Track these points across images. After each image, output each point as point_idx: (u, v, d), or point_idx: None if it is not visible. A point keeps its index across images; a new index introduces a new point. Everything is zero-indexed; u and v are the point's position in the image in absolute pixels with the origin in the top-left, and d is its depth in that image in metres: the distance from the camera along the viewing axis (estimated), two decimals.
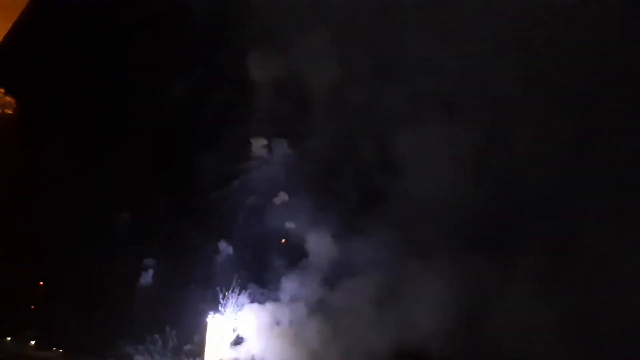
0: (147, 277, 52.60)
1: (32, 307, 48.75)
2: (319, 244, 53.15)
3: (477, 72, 51.46)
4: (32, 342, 47.07)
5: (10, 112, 53.00)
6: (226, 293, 50.83)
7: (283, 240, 54.75)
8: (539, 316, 47.08)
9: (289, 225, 54.94)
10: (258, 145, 55.80)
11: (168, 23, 55.91)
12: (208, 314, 50.21)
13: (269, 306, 50.88)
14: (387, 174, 53.48)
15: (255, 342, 49.61)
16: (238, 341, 50.03)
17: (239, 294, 51.25)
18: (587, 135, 50.14)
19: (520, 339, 47.27)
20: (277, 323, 50.51)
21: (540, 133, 50.27)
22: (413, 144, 52.16)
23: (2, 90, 53.24)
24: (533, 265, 49.35)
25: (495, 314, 48.70)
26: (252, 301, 50.99)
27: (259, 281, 52.43)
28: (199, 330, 50.80)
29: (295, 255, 53.32)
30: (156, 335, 49.41)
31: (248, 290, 51.35)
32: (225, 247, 53.47)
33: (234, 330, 50.24)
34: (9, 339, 46.31)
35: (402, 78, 52.18)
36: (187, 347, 51.08)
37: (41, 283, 49.90)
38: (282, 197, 55.26)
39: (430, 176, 51.63)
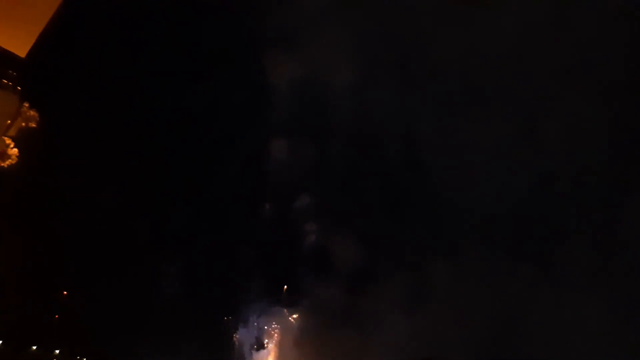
0: (169, 285, 52.19)
1: (56, 316, 48.92)
2: (344, 247, 51.66)
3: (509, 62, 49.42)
4: (57, 351, 47.19)
5: (34, 125, 53.91)
6: (249, 299, 50.13)
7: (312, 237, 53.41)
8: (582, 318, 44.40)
9: (312, 227, 53.78)
10: (279, 146, 54.74)
11: (189, 29, 56.27)
12: (231, 321, 49.59)
13: (292, 311, 49.93)
14: (415, 173, 51.83)
15: (278, 349, 48.69)
16: (261, 347, 49.11)
17: (261, 300, 50.47)
18: (631, 127, 47.66)
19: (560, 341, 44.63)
20: (300, 329, 49.34)
21: (581, 125, 47.79)
22: (443, 140, 50.44)
23: (27, 105, 54.18)
24: (574, 266, 46.68)
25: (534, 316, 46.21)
26: (274, 307, 50.09)
27: (282, 286, 51.49)
28: (223, 337, 50.13)
29: (319, 259, 52.13)
30: (180, 343, 48.90)
31: (271, 297, 50.57)
32: (247, 252, 52.84)
33: (257, 337, 49.46)
34: (34, 348, 46.56)
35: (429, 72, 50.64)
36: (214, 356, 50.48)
37: (65, 293, 50.08)
38: (305, 199, 54.12)
39: (462, 174, 49.64)
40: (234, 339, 49.89)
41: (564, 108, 49.17)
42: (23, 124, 55.65)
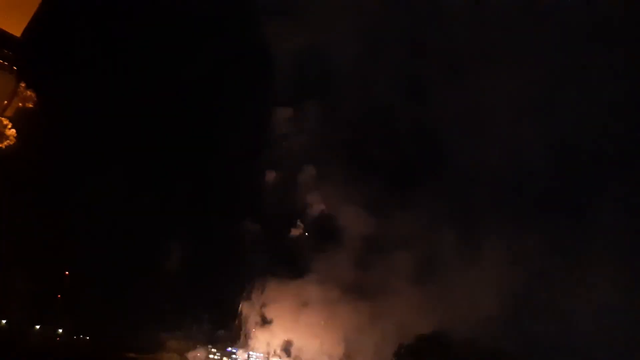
0: (171, 264, 52.04)
1: (59, 295, 48.88)
2: (352, 219, 50.74)
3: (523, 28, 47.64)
4: (60, 330, 47.27)
5: (31, 105, 53.27)
6: (254, 275, 50.04)
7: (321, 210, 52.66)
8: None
9: (318, 199, 53.11)
10: (283, 115, 53.93)
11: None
12: (238, 296, 49.62)
13: (298, 286, 49.61)
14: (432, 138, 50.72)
15: (284, 323, 48.63)
16: (267, 322, 49.10)
17: (267, 275, 50.34)
18: None
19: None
20: (307, 303, 49.14)
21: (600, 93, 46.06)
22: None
23: (23, 85, 53.44)
24: (590, 238, 45.38)
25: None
26: (280, 281, 49.86)
27: (288, 260, 51.35)
28: (230, 314, 50.23)
29: (326, 232, 51.69)
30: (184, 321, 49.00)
31: (276, 270, 50.42)
32: (251, 226, 52.65)
33: (262, 312, 49.43)
34: (37, 327, 46.61)
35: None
36: (219, 332, 50.52)
37: (67, 272, 49.99)
38: (311, 169, 53.31)
39: (474, 142, 48.34)
40: (239, 314, 49.81)
41: (583, 74, 47.14)
42: (20, 104, 55.14)
